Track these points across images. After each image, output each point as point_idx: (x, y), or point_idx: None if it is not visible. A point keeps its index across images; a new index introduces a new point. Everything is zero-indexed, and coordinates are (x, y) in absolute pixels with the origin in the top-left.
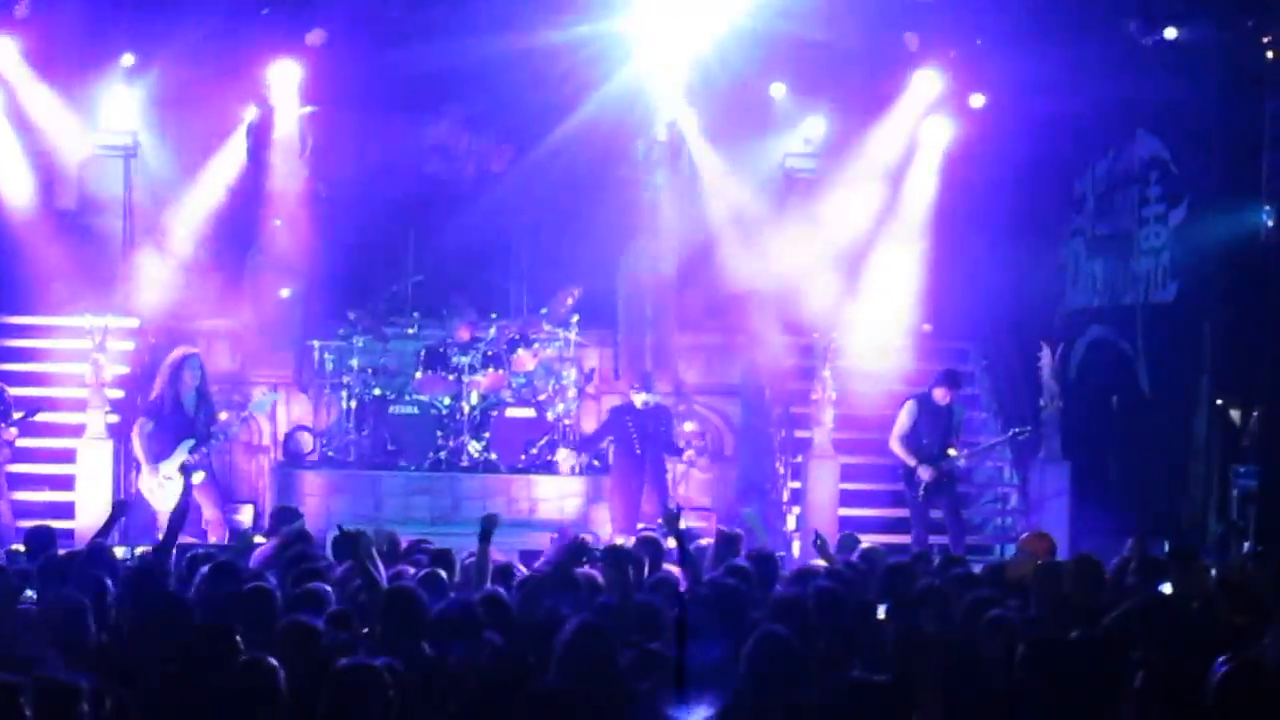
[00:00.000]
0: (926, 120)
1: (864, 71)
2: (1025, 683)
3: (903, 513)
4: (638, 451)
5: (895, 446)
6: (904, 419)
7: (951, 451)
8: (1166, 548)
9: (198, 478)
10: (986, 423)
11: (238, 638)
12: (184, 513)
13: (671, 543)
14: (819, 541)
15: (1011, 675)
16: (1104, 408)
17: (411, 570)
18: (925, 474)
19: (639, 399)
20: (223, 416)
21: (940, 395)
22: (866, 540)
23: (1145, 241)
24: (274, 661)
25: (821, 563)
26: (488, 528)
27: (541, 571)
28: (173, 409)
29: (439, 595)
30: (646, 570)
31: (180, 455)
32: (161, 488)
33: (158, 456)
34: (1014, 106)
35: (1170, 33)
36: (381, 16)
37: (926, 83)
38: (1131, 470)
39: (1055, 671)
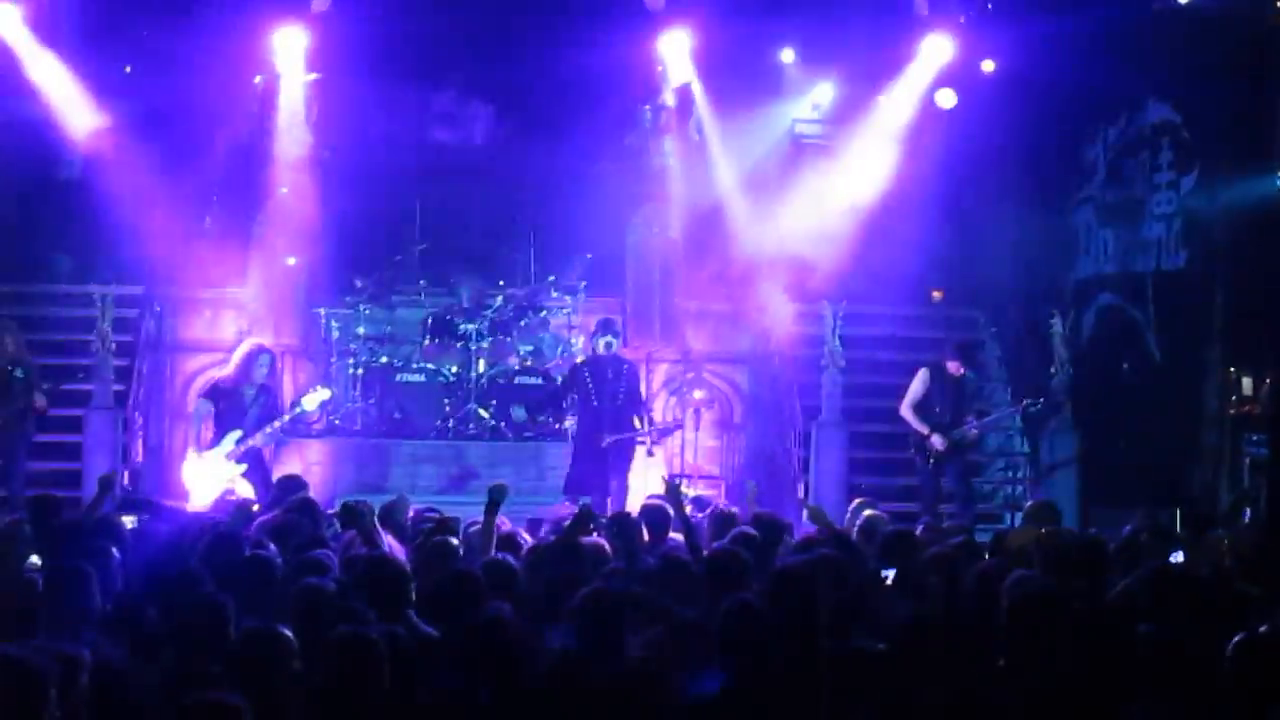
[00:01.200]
0: (936, 86)
1: (873, 36)
2: (1019, 644)
3: (912, 481)
4: (594, 403)
5: (907, 414)
6: (916, 387)
7: (971, 431)
8: (1178, 517)
9: (239, 469)
10: (996, 390)
11: (228, 611)
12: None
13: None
14: (814, 513)
15: (1014, 642)
16: (1114, 376)
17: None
18: (938, 443)
19: (600, 343)
20: (278, 424)
21: (954, 367)
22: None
23: (1156, 208)
24: (283, 630)
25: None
26: (496, 498)
27: (547, 540)
28: (230, 396)
29: (452, 564)
30: (653, 538)
31: (226, 446)
32: (204, 475)
33: (205, 443)
34: (1024, 72)
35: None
36: None
37: (936, 48)
38: (1142, 439)
39: (1057, 638)
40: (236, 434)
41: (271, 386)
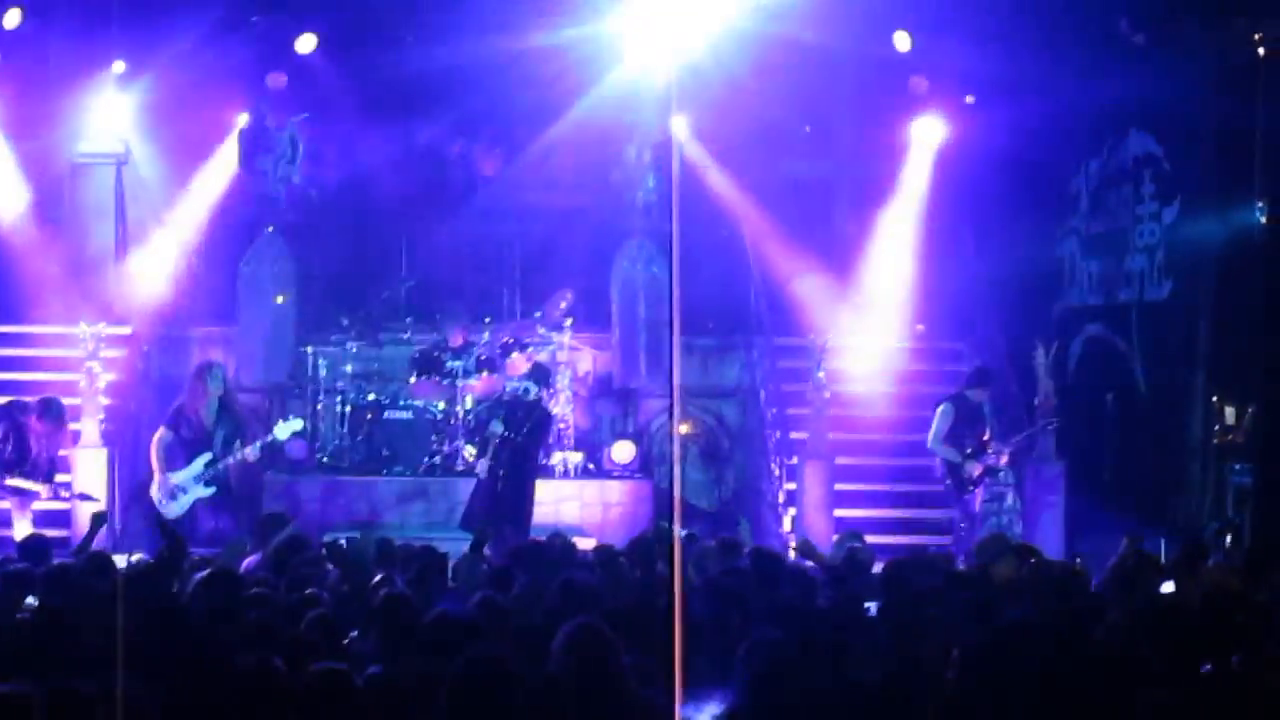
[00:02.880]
0: (919, 121)
1: (857, 74)
2: (1011, 683)
3: (898, 513)
4: (495, 440)
5: (937, 447)
6: (941, 421)
7: (1003, 454)
8: (1163, 546)
9: (206, 492)
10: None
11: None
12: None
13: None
14: (802, 546)
15: (1006, 676)
16: (1099, 406)
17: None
18: (975, 469)
19: (521, 387)
20: (248, 451)
21: (976, 395)
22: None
23: (1139, 239)
24: (277, 664)
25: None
26: (480, 539)
27: (532, 575)
28: (191, 422)
29: (436, 600)
30: (643, 572)
31: (195, 468)
32: (172, 498)
33: (171, 466)
34: (1006, 106)
35: (1161, 31)
36: (372, 21)
37: (918, 84)
38: (1127, 468)
39: (1047, 672)
40: (206, 456)
41: (230, 404)
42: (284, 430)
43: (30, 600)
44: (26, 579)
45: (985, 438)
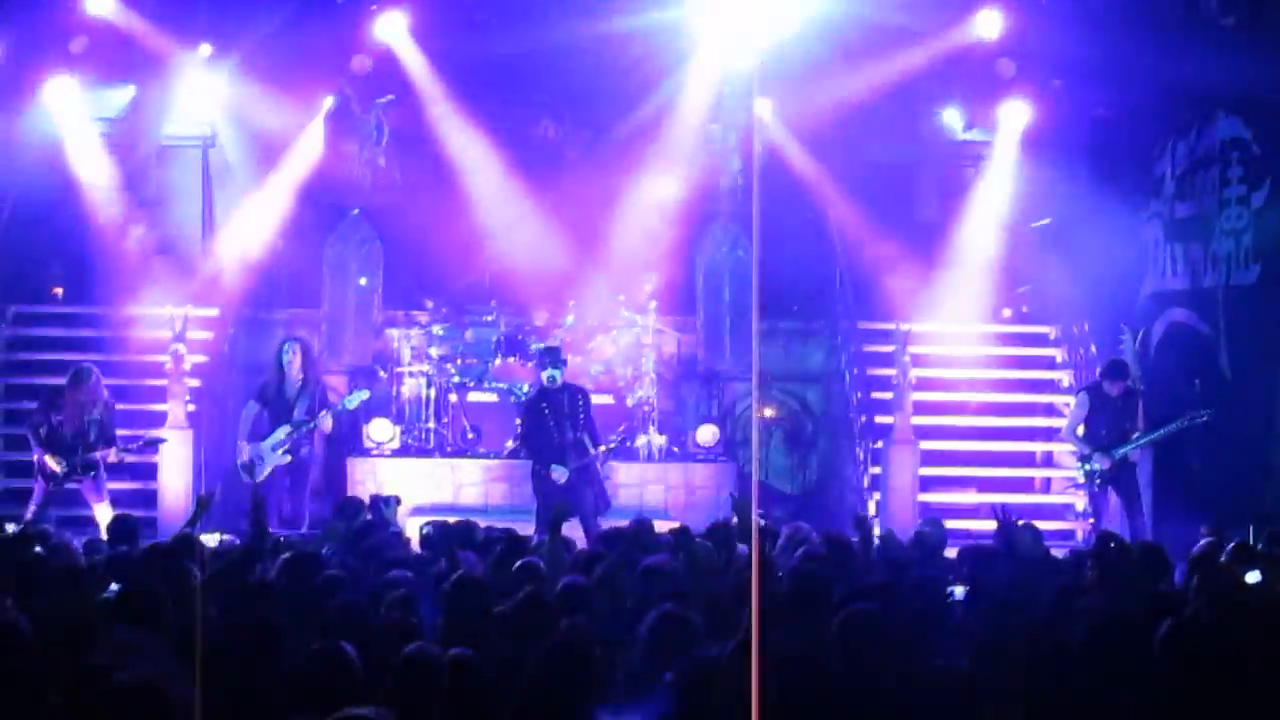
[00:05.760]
0: (1005, 104)
1: (941, 56)
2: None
3: (985, 499)
4: (556, 439)
5: (1069, 438)
6: (1077, 412)
7: (1134, 447)
8: (1250, 535)
9: (284, 460)
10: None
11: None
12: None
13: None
14: (886, 537)
15: (1095, 665)
16: (1185, 392)
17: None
18: (1102, 463)
19: (545, 376)
20: (324, 421)
21: (1111, 387)
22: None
23: (1226, 223)
24: (348, 649)
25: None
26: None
27: (612, 559)
28: (275, 394)
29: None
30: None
31: (276, 437)
32: (250, 467)
33: (253, 436)
34: (1092, 89)
35: (1250, 13)
36: (456, 4)
37: (1005, 67)
38: (1214, 456)
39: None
40: (286, 428)
41: (314, 379)
42: (354, 400)
43: (114, 586)
44: (115, 561)
45: (1127, 431)
